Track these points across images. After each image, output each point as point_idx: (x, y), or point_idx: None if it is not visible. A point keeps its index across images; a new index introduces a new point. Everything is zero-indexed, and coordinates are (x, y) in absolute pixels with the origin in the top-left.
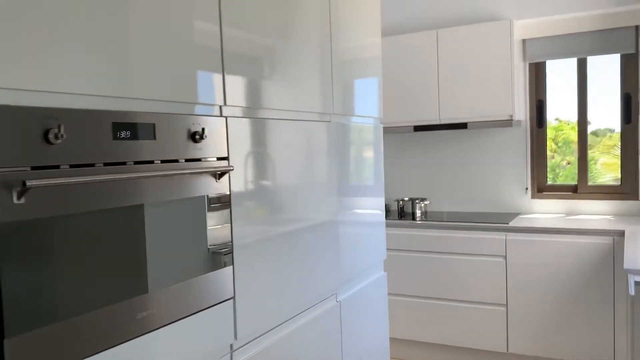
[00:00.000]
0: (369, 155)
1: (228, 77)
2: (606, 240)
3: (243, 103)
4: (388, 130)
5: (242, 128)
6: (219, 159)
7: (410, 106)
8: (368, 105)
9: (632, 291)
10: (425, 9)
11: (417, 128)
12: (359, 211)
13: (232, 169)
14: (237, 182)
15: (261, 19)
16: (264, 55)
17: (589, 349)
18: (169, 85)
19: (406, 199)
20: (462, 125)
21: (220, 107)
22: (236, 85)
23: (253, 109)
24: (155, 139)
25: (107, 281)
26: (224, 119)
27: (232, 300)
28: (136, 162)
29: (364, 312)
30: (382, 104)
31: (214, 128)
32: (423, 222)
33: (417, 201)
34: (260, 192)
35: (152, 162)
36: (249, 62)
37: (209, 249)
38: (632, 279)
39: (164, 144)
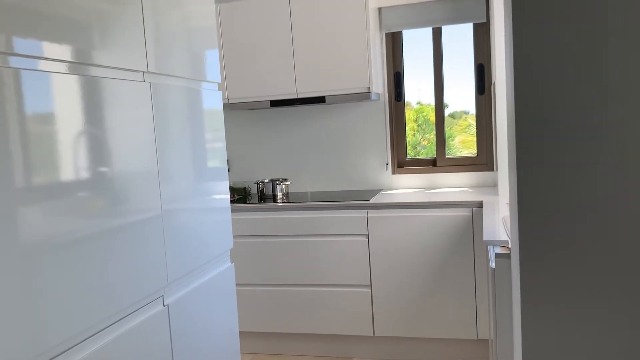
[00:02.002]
0: (208, 128)
1: None
2: (465, 212)
3: None
4: (243, 107)
5: None
6: None
7: (266, 80)
8: (200, 66)
9: (492, 264)
10: None
11: (274, 103)
12: (194, 197)
13: None
14: None
15: None
16: None
17: (453, 325)
18: None
19: (266, 180)
20: (321, 100)
21: None
22: None
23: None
24: None
25: None
26: None
27: None
28: None
29: (205, 310)
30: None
31: None
32: (284, 204)
33: (277, 182)
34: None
35: None
36: None
37: None
38: (492, 251)
39: None
